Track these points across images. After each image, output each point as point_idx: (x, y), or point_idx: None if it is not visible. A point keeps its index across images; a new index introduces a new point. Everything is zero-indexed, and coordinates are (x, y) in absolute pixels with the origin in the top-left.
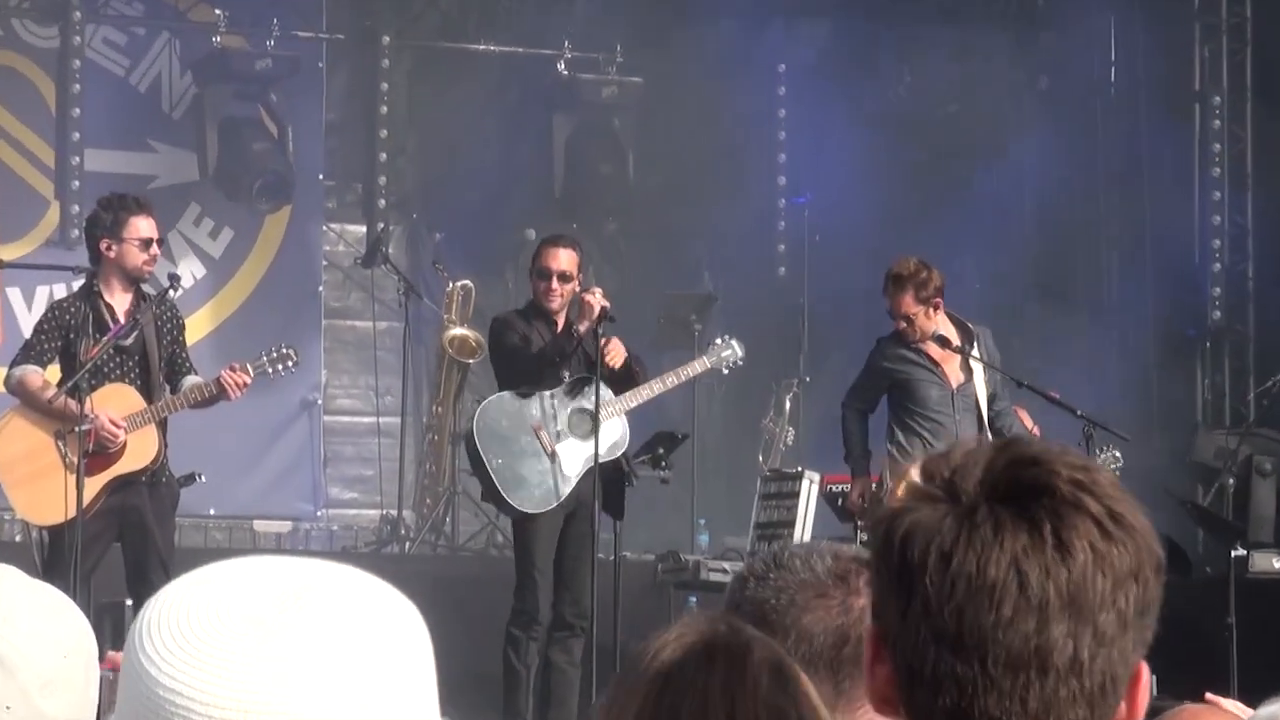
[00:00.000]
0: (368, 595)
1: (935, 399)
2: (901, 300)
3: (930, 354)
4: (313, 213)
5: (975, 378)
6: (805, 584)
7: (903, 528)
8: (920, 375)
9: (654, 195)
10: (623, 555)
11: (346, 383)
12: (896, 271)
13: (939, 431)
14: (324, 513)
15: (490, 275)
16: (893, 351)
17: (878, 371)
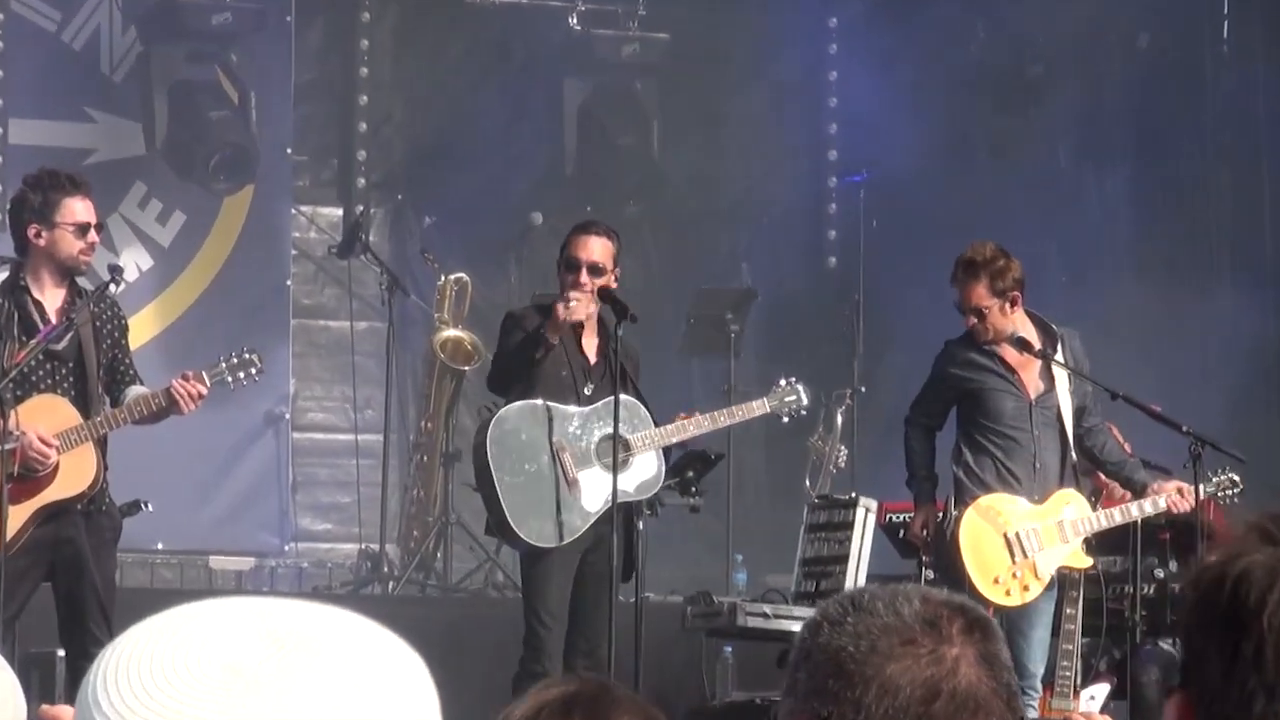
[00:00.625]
0: (365, 641)
1: (1010, 412)
2: (973, 291)
3: (1006, 359)
4: (280, 193)
5: (1058, 388)
6: (889, 629)
7: (1236, 570)
8: (993, 384)
9: (682, 173)
10: (645, 597)
11: (320, 394)
12: (969, 257)
13: (1014, 450)
14: (292, 546)
15: (489, 267)
16: (962, 355)
17: (944, 380)
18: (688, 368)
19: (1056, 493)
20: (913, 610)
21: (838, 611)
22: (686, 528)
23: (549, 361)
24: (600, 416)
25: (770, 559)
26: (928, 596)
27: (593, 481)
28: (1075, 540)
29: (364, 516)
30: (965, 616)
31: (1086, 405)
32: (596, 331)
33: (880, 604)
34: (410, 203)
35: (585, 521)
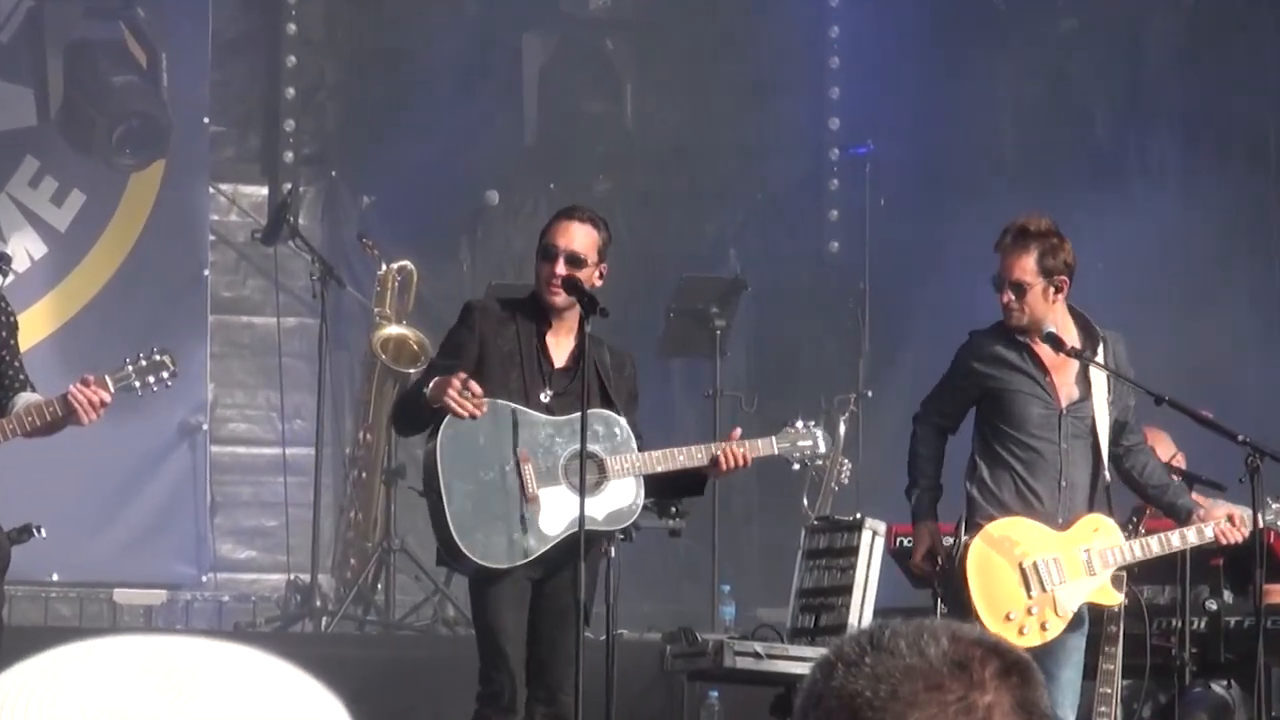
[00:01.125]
0: (275, 688)
1: (1036, 419)
2: (1018, 262)
3: (1040, 356)
4: (195, 169)
5: (1095, 396)
6: (912, 672)
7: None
8: (1019, 384)
9: (660, 144)
10: (618, 634)
11: (242, 401)
12: (1022, 224)
13: (1036, 464)
14: (211, 577)
15: (438, 254)
16: (989, 349)
17: (966, 374)
18: (666, 369)
19: (1083, 518)
20: (940, 650)
21: (854, 650)
22: (665, 554)
23: (495, 362)
24: (575, 430)
25: (762, 590)
26: (957, 634)
27: (555, 501)
28: (1104, 573)
29: (293, 542)
30: (1000, 658)
31: (1128, 421)
32: (574, 332)
33: (903, 642)
34: (346, 180)
35: (541, 545)
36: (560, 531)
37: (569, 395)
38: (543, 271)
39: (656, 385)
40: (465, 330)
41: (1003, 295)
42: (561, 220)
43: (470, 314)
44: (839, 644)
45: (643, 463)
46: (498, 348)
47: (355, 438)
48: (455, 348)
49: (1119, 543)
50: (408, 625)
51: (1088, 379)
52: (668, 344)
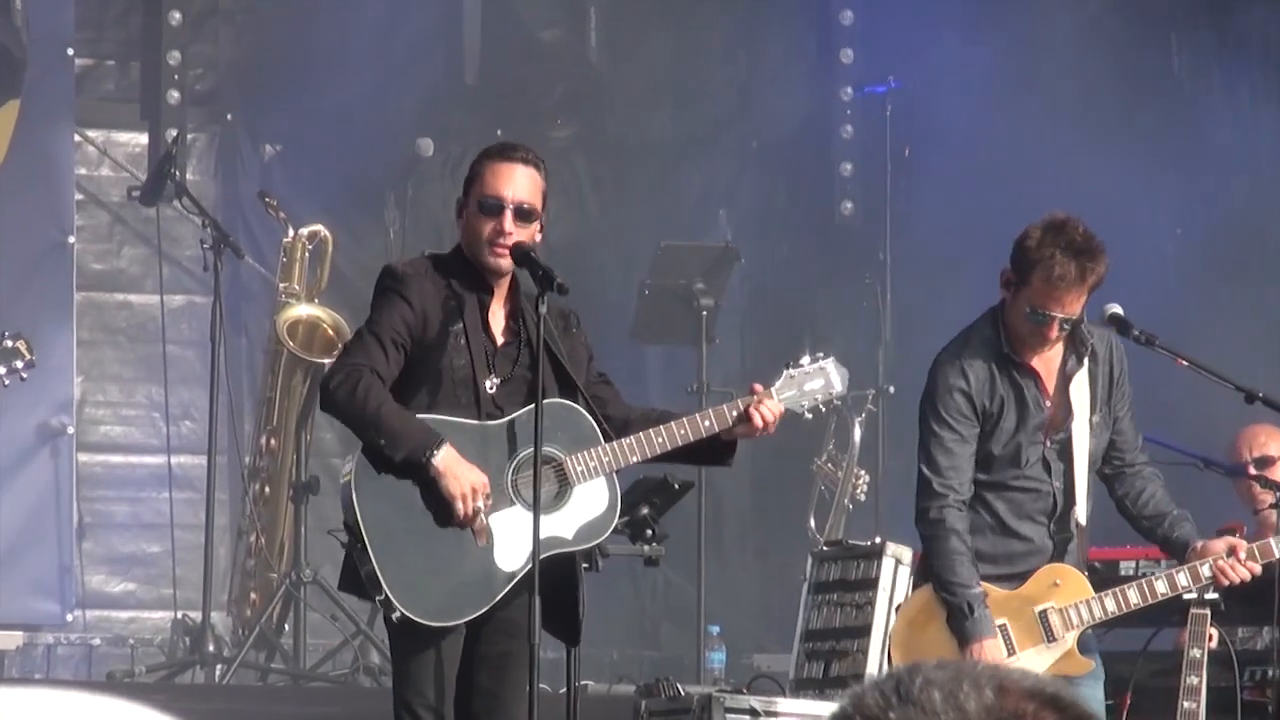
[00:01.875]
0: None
1: (1031, 459)
2: (1077, 295)
3: (1039, 376)
4: (57, 112)
5: (1078, 414)
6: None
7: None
8: (1018, 417)
9: (633, 82)
10: (583, 686)
11: (117, 398)
12: (1083, 241)
13: (1020, 505)
14: (78, 616)
15: (358, 217)
16: (982, 366)
17: (968, 408)
18: (640, 359)
19: (1041, 571)
20: (982, 704)
21: (878, 703)
22: (641, 588)
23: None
24: (521, 430)
25: (759, 632)
26: (1004, 684)
27: (511, 528)
28: (1067, 637)
29: (180, 573)
30: (1059, 713)
31: (1124, 439)
32: (507, 298)
33: (937, 694)
34: (245, 125)
35: (503, 585)
36: (523, 564)
37: (515, 380)
38: (483, 229)
39: (626, 377)
40: (403, 302)
41: (1048, 331)
42: (500, 162)
43: (405, 281)
44: (859, 694)
45: (621, 452)
46: (439, 326)
47: (256, 444)
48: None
49: (1086, 596)
50: (321, 675)
51: (1068, 394)
52: (642, 327)
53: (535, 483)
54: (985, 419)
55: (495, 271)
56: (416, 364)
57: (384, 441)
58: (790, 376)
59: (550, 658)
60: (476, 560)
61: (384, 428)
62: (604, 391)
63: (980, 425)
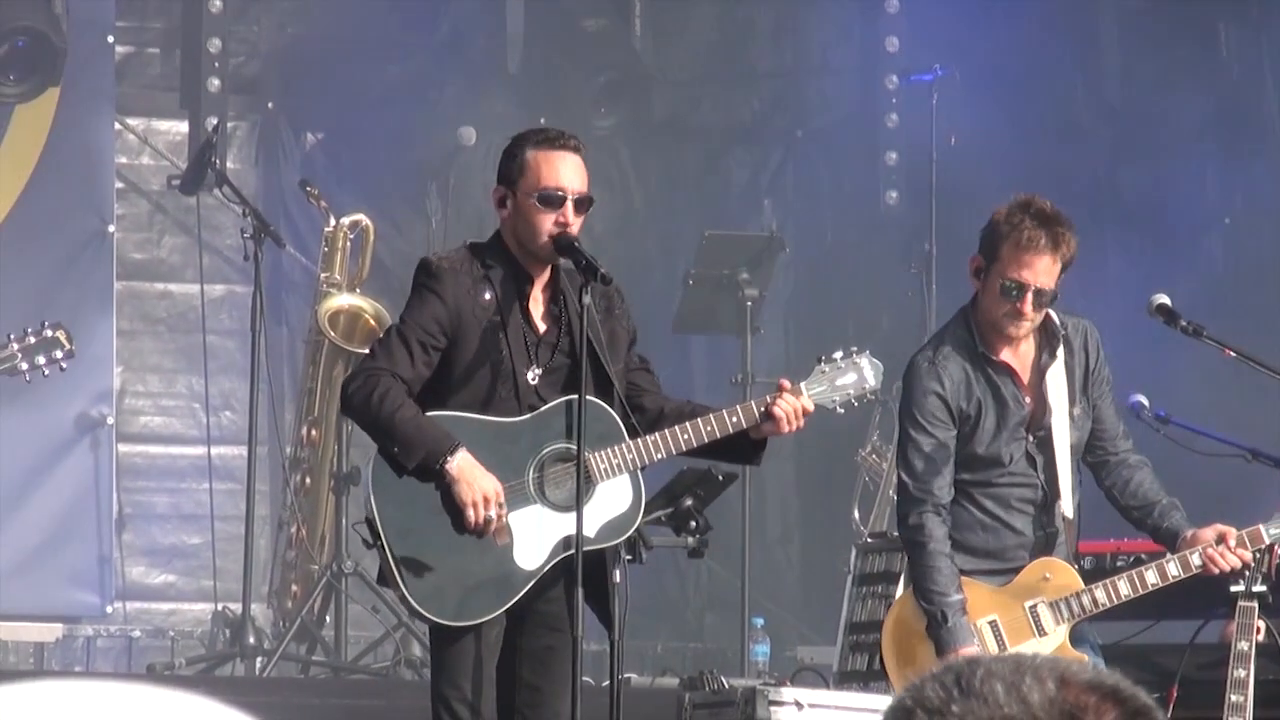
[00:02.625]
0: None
1: (1015, 456)
2: (1047, 260)
3: (1015, 372)
4: (98, 101)
5: (1054, 406)
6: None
7: None
8: (998, 416)
9: (677, 70)
10: (626, 679)
11: (157, 389)
12: (1043, 209)
13: (1003, 503)
14: (118, 608)
15: (400, 206)
16: (957, 368)
17: (943, 412)
18: (684, 348)
19: (1030, 565)
20: (1045, 697)
21: (938, 696)
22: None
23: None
24: (546, 428)
25: (803, 624)
26: (1066, 676)
27: (532, 526)
28: (1058, 630)
29: (220, 565)
30: (1120, 706)
31: (1105, 427)
32: (548, 284)
33: (999, 686)
34: (286, 114)
35: (523, 584)
36: (543, 562)
37: (556, 371)
38: (542, 221)
39: (672, 367)
40: (436, 300)
41: (1018, 304)
42: (552, 150)
43: (439, 277)
44: (918, 687)
45: (645, 450)
46: (476, 320)
47: (297, 435)
48: (431, 323)
49: (1076, 588)
50: (362, 667)
51: (1043, 388)
52: (687, 317)
53: (578, 475)
54: (963, 421)
55: (547, 261)
56: (456, 359)
57: (398, 449)
58: (822, 371)
59: (593, 650)
60: (495, 559)
61: (398, 434)
62: (642, 379)
63: (958, 428)
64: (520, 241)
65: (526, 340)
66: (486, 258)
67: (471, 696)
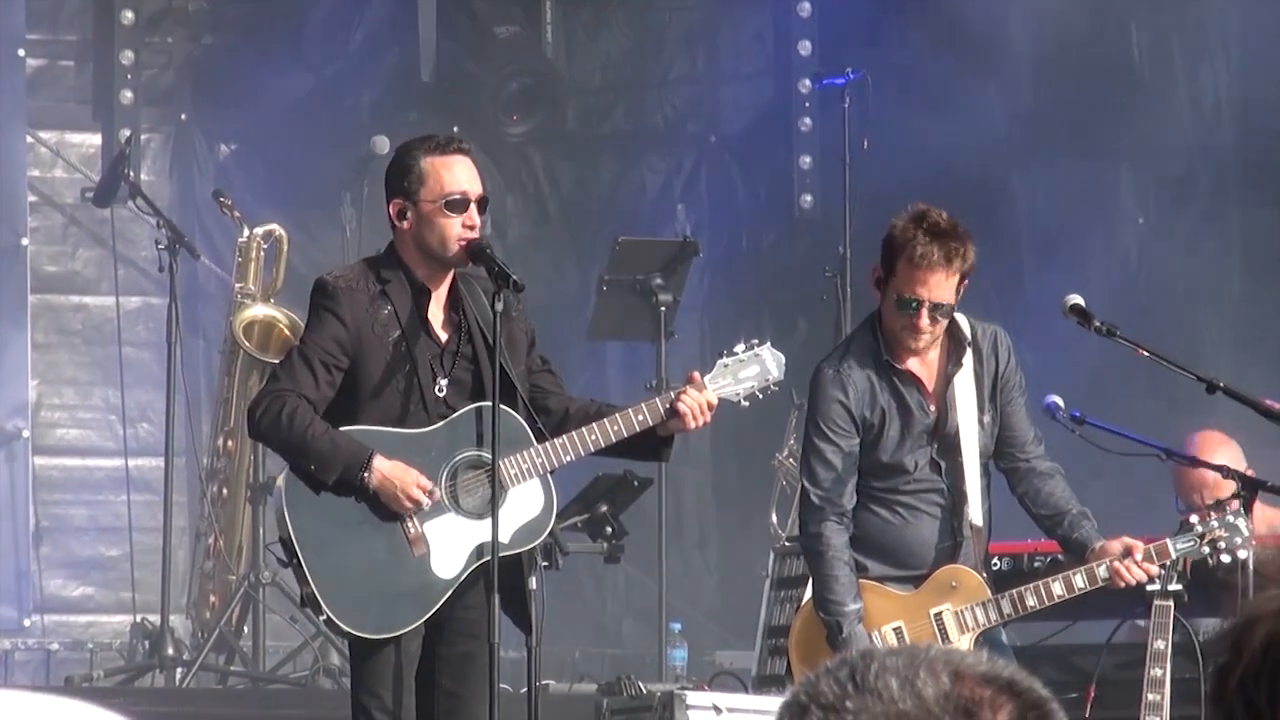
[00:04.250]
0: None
1: (920, 464)
2: (941, 276)
3: (920, 381)
4: (10, 114)
5: (959, 411)
6: (905, 719)
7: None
8: (902, 424)
9: (589, 76)
10: (544, 685)
11: (73, 401)
12: (941, 222)
13: (910, 509)
14: (36, 620)
15: (314, 216)
16: (861, 375)
17: (846, 420)
18: (599, 356)
19: (937, 572)
20: (939, 690)
21: (832, 691)
22: (601, 585)
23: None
24: (455, 436)
25: (721, 629)
26: (961, 670)
27: (447, 535)
28: (963, 639)
29: (139, 577)
30: (1016, 698)
31: (1015, 433)
32: (445, 299)
33: (893, 681)
34: (199, 125)
35: (442, 593)
36: (460, 570)
37: (461, 381)
38: (450, 226)
39: (584, 375)
40: (334, 320)
41: (917, 319)
42: (449, 155)
43: (335, 297)
44: (813, 682)
45: (554, 452)
46: (376, 337)
47: (214, 445)
48: (331, 343)
49: (982, 598)
50: (281, 677)
51: (946, 394)
52: (601, 323)
53: (494, 477)
54: (866, 429)
55: (454, 267)
56: (361, 377)
57: (314, 467)
58: (724, 365)
59: (511, 657)
60: (414, 570)
61: (311, 452)
62: (545, 381)
63: (862, 435)
64: (428, 251)
65: (430, 352)
66: (383, 271)
67: (391, 705)
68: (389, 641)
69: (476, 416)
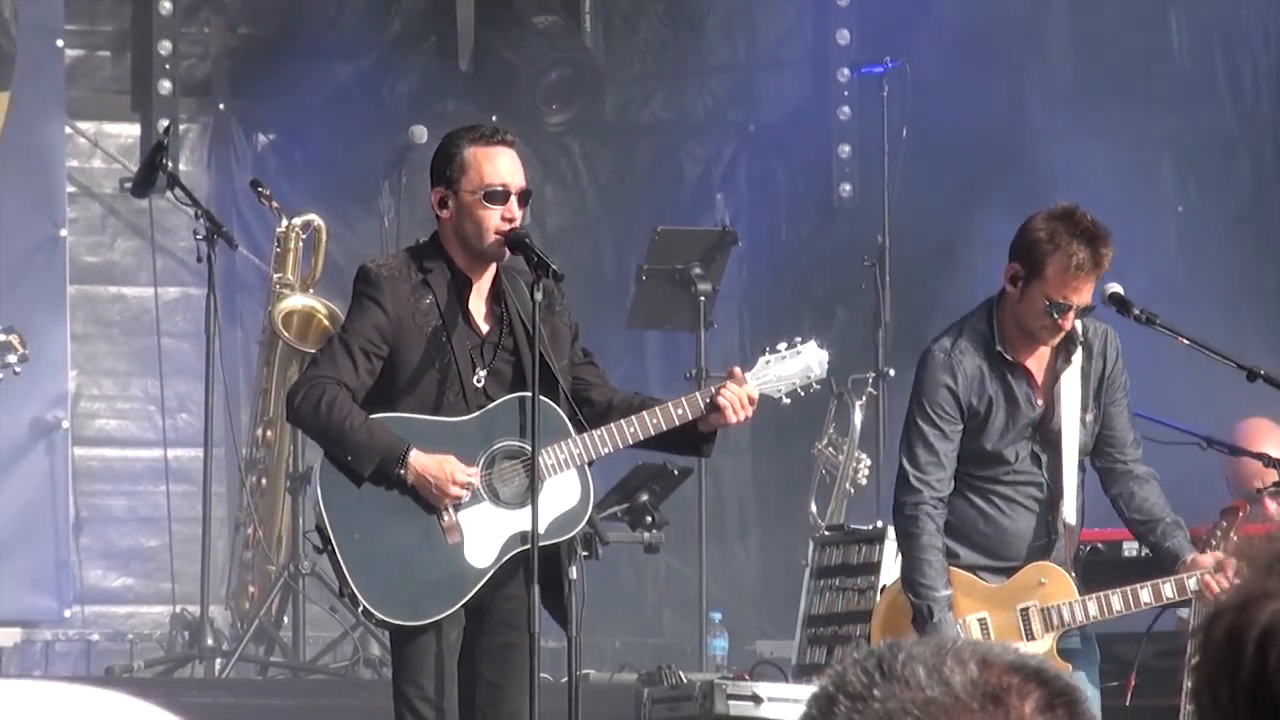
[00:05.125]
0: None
1: (1021, 455)
2: (1082, 282)
3: (1031, 374)
4: (47, 105)
5: (1063, 407)
6: (933, 707)
7: (1260, 622)
8: (1008, 415)
9: (628, 66)
10: (583, 675)
11: (112, 392)
12: (1094, 226)
13: (1005, 500)
14: (76, 611)
15: (352, 206)
16: (972, 363)
17: (953, 406)
18: (638, 345)
19: (1028, 568)
20: (967, 678)
21: (860, 681)
22: (642, 575)
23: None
24: (493, 426)
25: (761, 618)
26: (988, 658)
27: (482, 524)
28: (1046, 638)
29: (178, 567)
30: (1044, 687)
31: (1115, 434)
32: (489, 290)
33: (920, 669)
34: (237, 115)
35: (474, 583)
36: (494, 560)
37: (500, 372)
38: (488, 217)
39: (627, 363)
40: (376, 308)
41: (1063, 321)
42: (493, 146)
43: (378, 285)
44: (840, 673)
45: (592, 444)
46: (417, 326)
47: (253, 436)
48: (372, 331)
49: (1070, 598)
50: (321, 667)
51: (1053, 389)
52: (640, 313)
53: (533, 468)
54: (971, 416)
55: (494, 259)
56: (400, 365)
57: (350, 458)
58: (766, 362)
59: (552, 647)
60: (446, 558)
61: (349, 443)
62: (588, 373)
63: (966, 423)
64: (466, 241)
65: (470, 343)
66: (425, 261)
67: (433, 694)
68: (429, 631)
69: (516, 406)
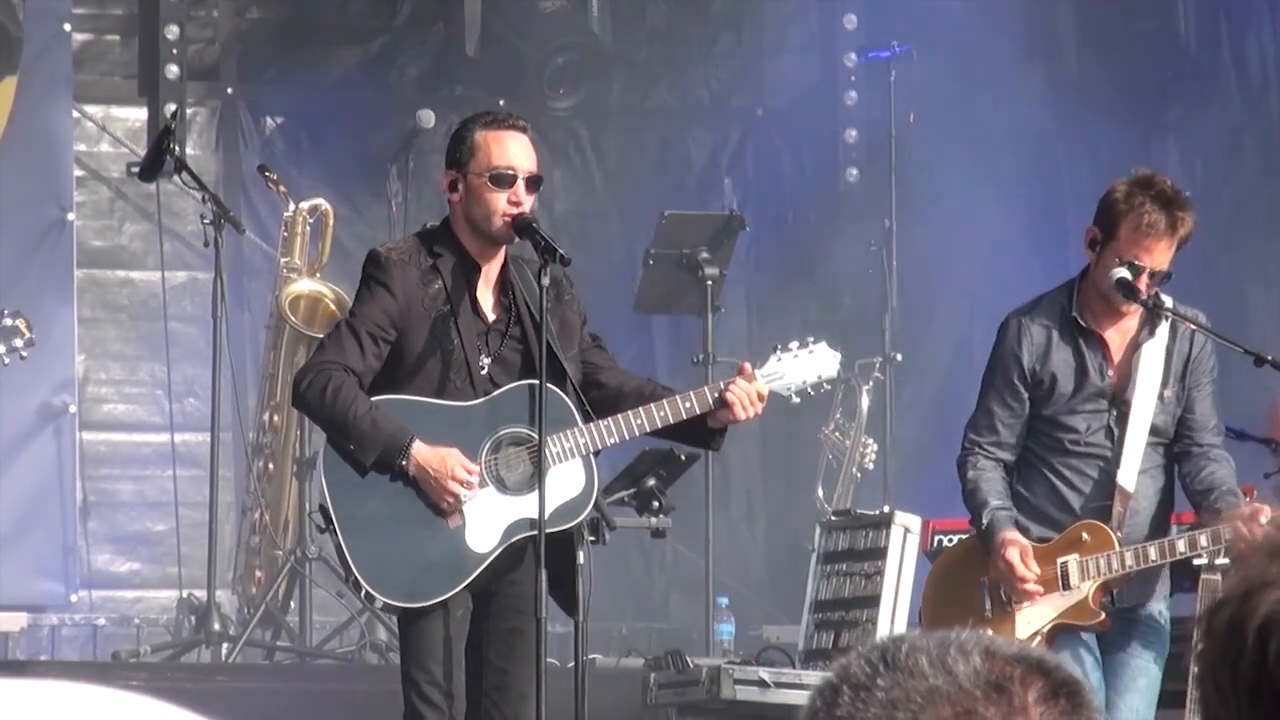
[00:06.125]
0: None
1: (1093, 427)
2: (1153, 243)
3: (1107, 345)
4: (55, 89)
5: (1143, 385)
6: (937, 696)
7: (1262, 611)
8: (1076, 384)
9: (635, 50)
10: (591, 660)
11: (119, 376)
12: (1166, 191)
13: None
14: (83, 596)
15: (361, 188)
16: (1042, 331)
17: (1018, 375)
18: (645, 330)
19: (1072, 526)
20: (971, 669)
21: (864, 671)
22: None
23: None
24: (499, 412)
25: (768, 603)
26: (991, 649)
27: (485, 509)
28: (1084, 586)
29: (185, 552)
30: (1046, 678)
31: (1195, 418)
32: (497, 275)
33: (924, 660)
34: (244, 99)
35: (474, 566)
36: (495, 545)
37: (507, 360)
38: (495, 201)
39: (633, 348)
40: (385, 292)
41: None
42: (501, 131)
43: (387, 269)
44: (845, 664)
45: (599, 434)
46: (426, 311)
47: (260, 420)
48: (381, 315)
49: (1109, 550)
50: (328, 652)
51: (1136, 364)
52: (647, 297)
53: (539, 455)
54: (1036, 384)
55: (501, 243)
56: (407, 350)
57: (353, 446)
58: (778, 359)
59: (559, 632)
60: (447, 541)
61: (352, 432)
62: (598, 357)
63: (1032, 392)
64: (474, 225)
65: (477, 329)
66: (435, 246)
67: (441, 679)
68: (436, 615)
69: (523, 393)
